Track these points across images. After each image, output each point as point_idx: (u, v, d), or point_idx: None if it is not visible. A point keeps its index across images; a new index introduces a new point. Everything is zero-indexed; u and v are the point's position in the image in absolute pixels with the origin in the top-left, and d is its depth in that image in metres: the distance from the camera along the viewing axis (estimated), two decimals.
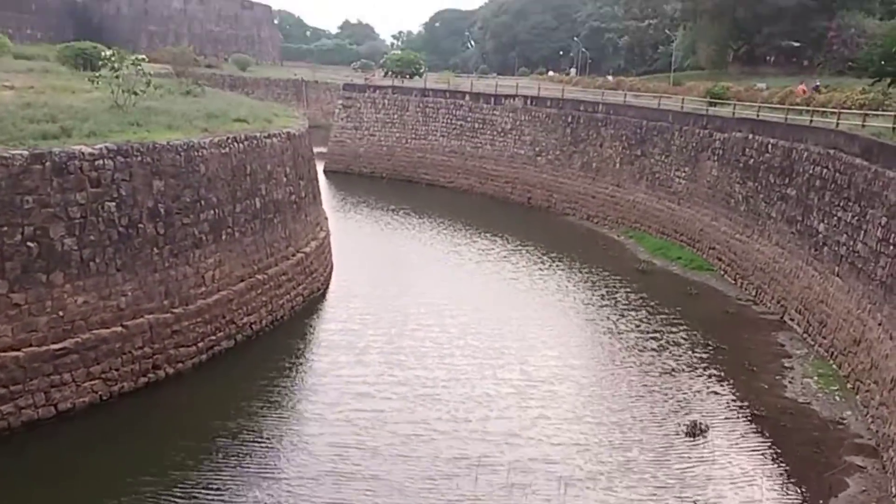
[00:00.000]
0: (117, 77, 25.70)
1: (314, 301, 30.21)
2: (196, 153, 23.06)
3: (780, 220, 32.71)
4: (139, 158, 20.76)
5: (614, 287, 35.18)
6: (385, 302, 30.58)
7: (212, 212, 23.68)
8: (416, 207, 51.78)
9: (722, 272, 37.29)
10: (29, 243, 17.86)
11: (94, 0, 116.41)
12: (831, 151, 28.94)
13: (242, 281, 24.94)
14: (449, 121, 63.24)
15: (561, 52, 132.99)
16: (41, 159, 18.23)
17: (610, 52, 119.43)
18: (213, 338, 23.18)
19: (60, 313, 18.48)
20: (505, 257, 40.07)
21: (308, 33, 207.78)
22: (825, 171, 29.18)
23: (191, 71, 43.55)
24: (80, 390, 18.86)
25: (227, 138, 24.98)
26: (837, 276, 26.53)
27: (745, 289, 34.63)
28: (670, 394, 23.25)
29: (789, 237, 31.65)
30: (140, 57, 27.46)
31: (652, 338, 28.28)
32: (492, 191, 58.76)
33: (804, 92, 42.11)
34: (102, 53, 29.41)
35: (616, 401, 22.65)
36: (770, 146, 34.85)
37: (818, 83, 44.69)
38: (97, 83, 26.36)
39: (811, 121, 33.32)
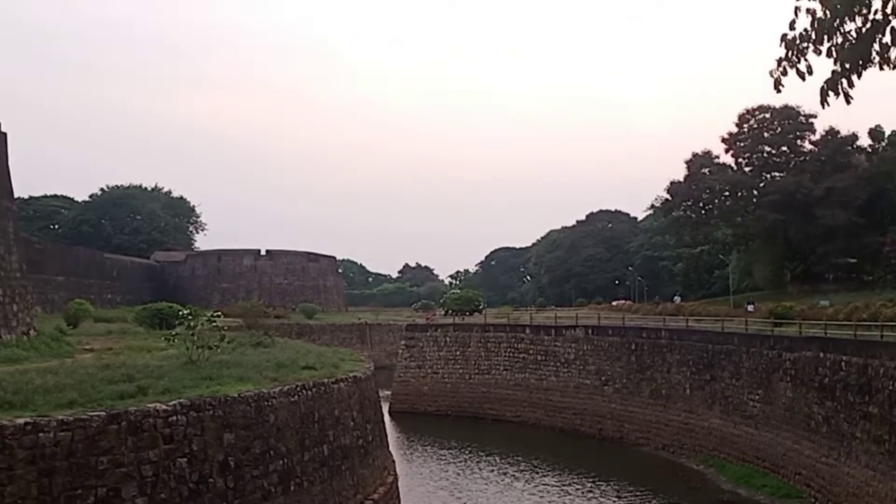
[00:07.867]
0: (192, 334, 26.81)
1: None
2: (266, 403, 23.42)
3: (867, 439, 31.11)
4: (211, 412, 21.14)
5: None
6: None
7: (281, 462, 23.60)
8: (484, 446, 50.69)
9: (812, 499, 34.99)
10: None
11: (171, 263, 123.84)
12: None
13: None
14: (511, 354, 63.46)
15: (616, 282, 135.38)
16: (117, 419, 18.70)
17: (665, 279, 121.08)
18: None
19: None
20: (586, 498, 38.37)
21: (370, 279, 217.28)
22: None
23: (261, 322, 45.07)
24: None
25: (296, 386, 25.40)
26: None
27: None
28: None
29: (879, 458, 29.92)
30: (215, 313, 28.75)
31: None
32: (560, 423, 57.42)
33: None
34: (179, 312, 30.87)
35: None
36: (843, 363, 33.94)
37: None
38: (173, 341, 27.53)
39: (882, 336, 32.68)
